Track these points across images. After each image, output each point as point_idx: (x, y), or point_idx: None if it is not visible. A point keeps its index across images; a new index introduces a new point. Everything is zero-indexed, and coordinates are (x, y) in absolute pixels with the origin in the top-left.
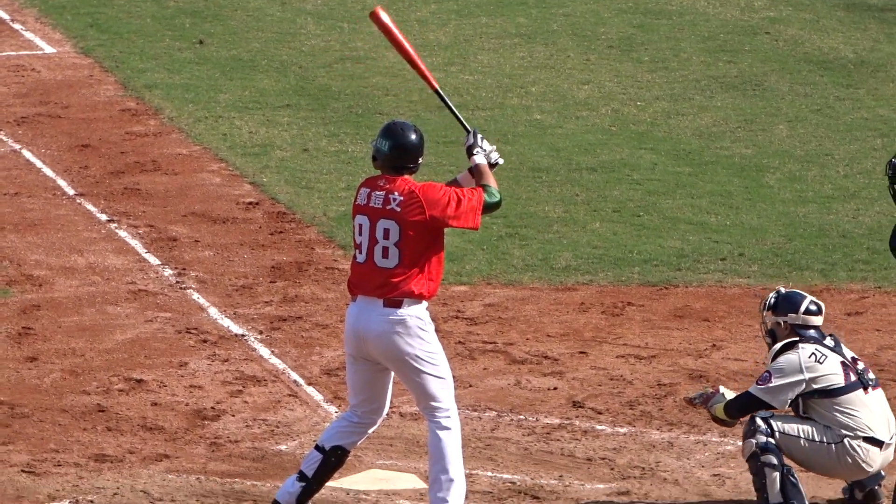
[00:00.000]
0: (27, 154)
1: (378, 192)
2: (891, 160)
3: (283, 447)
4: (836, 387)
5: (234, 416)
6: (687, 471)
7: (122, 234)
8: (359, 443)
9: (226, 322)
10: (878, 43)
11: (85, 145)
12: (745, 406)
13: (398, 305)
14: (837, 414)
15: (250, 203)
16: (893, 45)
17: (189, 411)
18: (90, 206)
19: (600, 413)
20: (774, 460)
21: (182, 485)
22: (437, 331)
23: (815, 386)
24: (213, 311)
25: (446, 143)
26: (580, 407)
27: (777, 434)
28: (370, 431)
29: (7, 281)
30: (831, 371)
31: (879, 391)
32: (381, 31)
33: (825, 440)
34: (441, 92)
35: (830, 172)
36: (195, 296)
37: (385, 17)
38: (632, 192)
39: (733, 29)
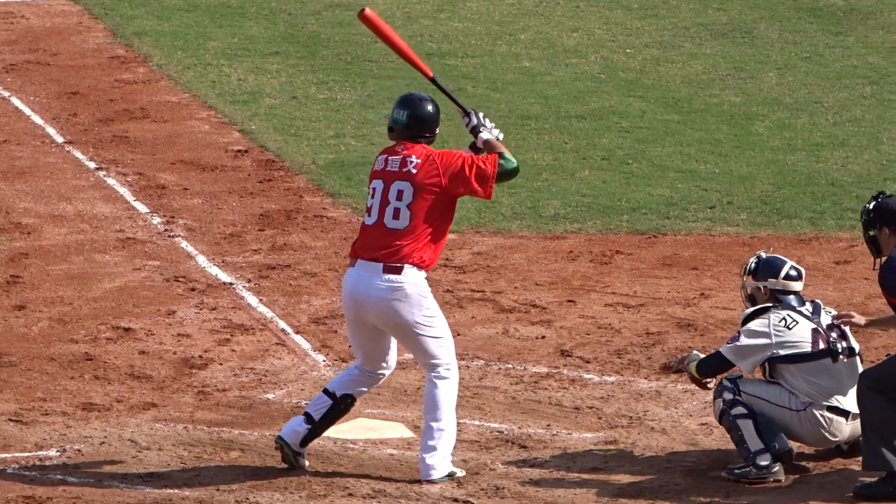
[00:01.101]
0: (16, 101)
1: (395, 157)
2: (865, 205)
3: (270, 396)
4: (802, 353)
5: (221, 364)
6: (675, 420)
7: (111, 181)
8: (368, 391)
9: (214, 270)
10: None
11: (74, 93)
12: (715, 365)
13: (398, 272)
14: (802, 381)
15: (239, 151)
16: None
17: (177, 360)
18: (79, 154)
19: (588, 362)
20: (744, 410)
21: (169, 433)
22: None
23: (781, 351)
24: (202, 260)
25: (435, 90)
26: (568, 356)
27: (743, 394)
28: (380, 383)
29: None
30: (800, 337)
31: (854, 360)
32: (372, 31)
33: (790, 406)
34: (437, 80)
35: (819, 120)
36: (183, 244)
37: (375, 16)
38: (621, 139)
39: None
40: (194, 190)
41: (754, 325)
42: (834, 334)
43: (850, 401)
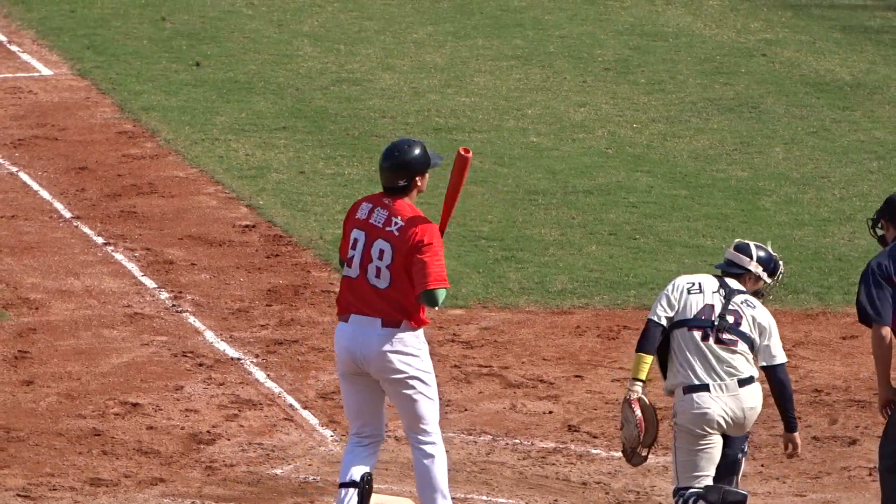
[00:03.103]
0: (24, 177)
1: (381, 210)
2: (870, 217)
3: (278, 471)
4: (684, 318)
5: (229, 440)
6: None
7: (119, 257)
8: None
9: (222, 346)
10: (874, 65)
11: (82, 168)
12: (645, 333)
13: (396, 325)
14: (675, 358)
15: (247, 226)
16: (890, 68)
17: (185, 435)
18: (87, 229)
19: (596, 437)
20: (713, 489)
21: None
22: (433, 353)
23: (670, 312)
24: (209, 335)
25: (443, 165)
26: (575, 431)
27: (678, 481)
28: (378, 450)
29: (3, 304)
30: (689, 305)
31: (728, 351)
32: (457, 170)
33: (675, 431)
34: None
35: (826, 195)
36: (191, 319)
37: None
38: (628, 214)
39: (729, 51)
40: (202, 265)
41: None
42: (730, 319)
43: (710, 377)
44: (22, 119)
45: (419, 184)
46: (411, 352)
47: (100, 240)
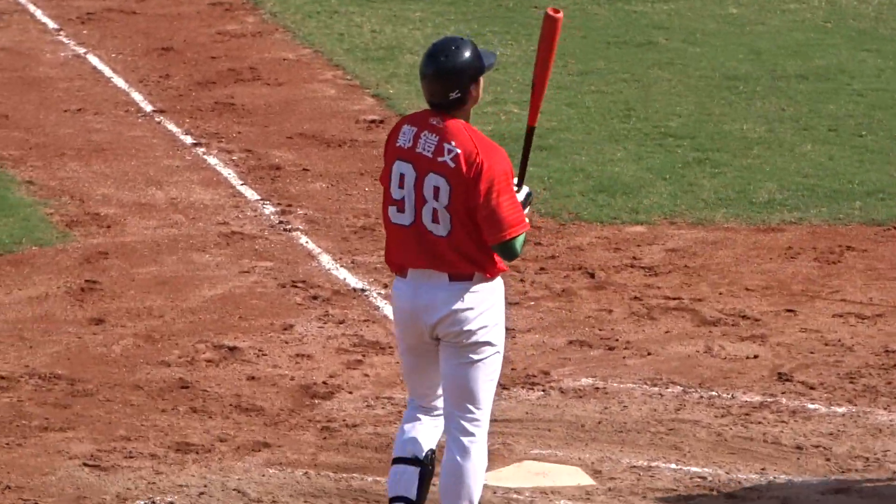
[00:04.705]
0: (93, 60)
1: (430, 135)
2: None
3: None
4: None
5: (351, 393)
6: None
7: (212, 161)
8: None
9: (342, 273)
10: None
11: (166, 48)
12: None
13: (469, 279)
14: None
15: (373, 121)
16: None
17: (295, 387)
18: (172, 126)
19: (813, 388)
20: None
21: (286, 481)
22: (608, 282)
23: None
24: (326, 260)
25: (618, 43)
26: (787, 380)
27: None
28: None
29: (67, 221)
30: None
31: None
32: (545, 40)
33: None
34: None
35: None
36: (303, 240)
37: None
38: (852, 105)
39: None
40: (317, 171)
41: None
42: None
43: None
44: None
45: (474, 93)
46: (487, 309)
47: (189, 139)
